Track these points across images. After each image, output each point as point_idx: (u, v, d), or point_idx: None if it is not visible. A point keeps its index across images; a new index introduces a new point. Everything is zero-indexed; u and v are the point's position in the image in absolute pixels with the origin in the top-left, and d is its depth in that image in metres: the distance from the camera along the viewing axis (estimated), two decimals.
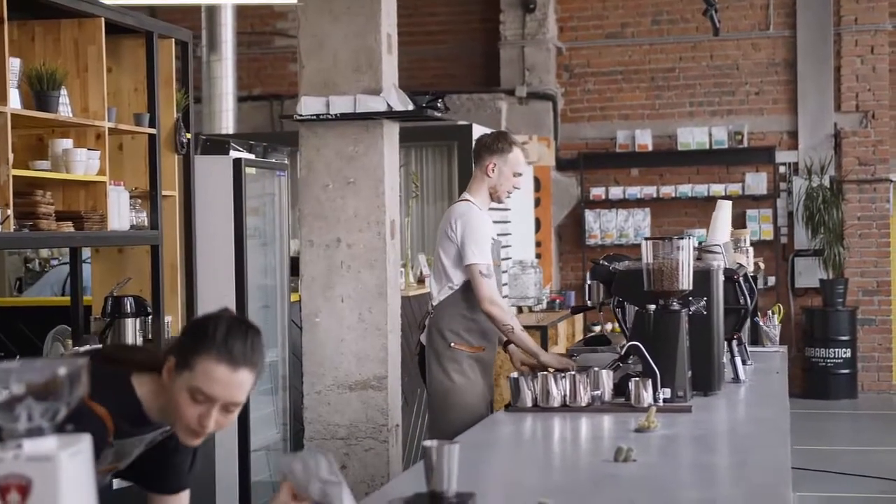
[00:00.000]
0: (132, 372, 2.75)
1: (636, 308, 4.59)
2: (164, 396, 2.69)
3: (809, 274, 12.77)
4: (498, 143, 5.37)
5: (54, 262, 8.49)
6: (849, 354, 12.47)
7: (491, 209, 9.28)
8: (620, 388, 4.42)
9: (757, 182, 12.84)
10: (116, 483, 4.60)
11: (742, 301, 5.12)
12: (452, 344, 5.24)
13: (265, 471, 6.80)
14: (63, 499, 1.72)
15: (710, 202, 12.73)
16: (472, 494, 2.80)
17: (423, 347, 5.43)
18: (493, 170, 5.33)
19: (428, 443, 2.75)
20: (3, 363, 1.79)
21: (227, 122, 10.91)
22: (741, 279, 5.14)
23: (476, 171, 5.42)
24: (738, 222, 12.36)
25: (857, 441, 10.63)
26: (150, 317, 5.67)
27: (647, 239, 4.52)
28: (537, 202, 12.47)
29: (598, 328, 12.35)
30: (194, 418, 2.64)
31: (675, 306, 4.46)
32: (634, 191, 13.05)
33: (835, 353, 12.45)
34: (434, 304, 5.34)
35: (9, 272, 9.21)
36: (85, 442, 1.78)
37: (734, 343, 5.13)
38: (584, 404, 4.31)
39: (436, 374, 5.27)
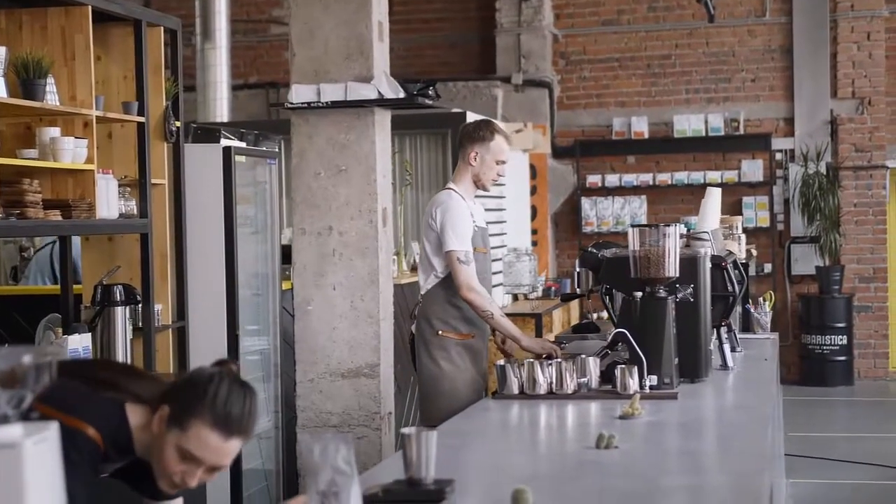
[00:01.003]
0: (127, 401, 2.74)
1: (623, 295, 4.60)
2: (151, 438, 2.68)
3: (806, 261, 12.77)
4: (479, 131, 5.36)
5: None
6: (845, 341, 12.47)
7: (487, 197, 9.34)
8: (608, 376, 4.42)
9: (753, 169, 12.83)
10: None
11: (730, 288, 5.11)
12: (440, 332, 5.26)
13: (257, 458, 6.81)
14: (28, 486, 1.72)
15: (705, 189, 12.68)
16: (451, 481, 2.81)
17: (413, 336, 5.45)
18: (475, 158, 5.33)
19: (406, 430, 2.76)
20: None
21: (220, 111, 10.89)
22: (730, 266, 5.14)
23: (459, 160, 5.42)
24: (734, 209, 12.36)
25: (852, 428, 10.63)
26: (139, 305, 5.67)
27: (633, 226, 4.52)
28: (533, 190, 12.46)
29: (594, 316, 12.37)
30: (178, 474, 2.65)
31: (662, 293, 4.47)
32: (631, 178, 13.05)
33: (831, 340, 12.45)
34: (421, 293, 5.37)
35: (4, 261, 9.21)
36: (51, 430, 1.79)
37: (722, 330, 5.13)
38: (570, 391, 4.32)
39: (424, 361, 5.29)
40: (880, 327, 12.86)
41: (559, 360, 4.49)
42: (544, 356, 4.91)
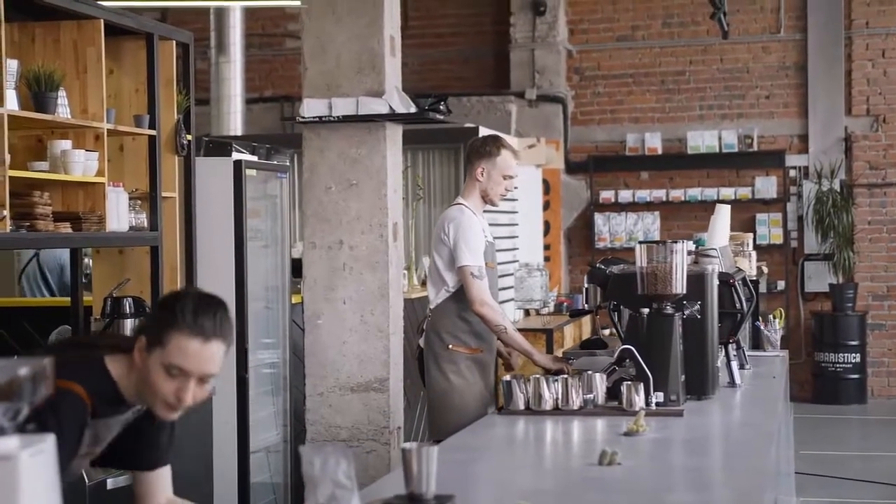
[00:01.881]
0: (105, 354, 2.84)
1: (630, 312, 4.59)
2: (137, 376, 2.77)
3: (819, 278, 12.73)
4: (486, 146, 5.40)
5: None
6: (858, 359, 12.42)
7: (499, 212, 9.33)
8: (614, 392, 4.41)
9: (767, 186, 12.81)
10: (111, 483, 4.64)
11: (738, 305, 5.10)
12: (450, 346, 5.29)
13: (265, 472, 6.82)
14: (23, 498, 1.73)
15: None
16: (452, 496, 2.81)
17: (422, 351, 5.47)
18: (482, 174, 5.37)
19: (406, 445, 2.76)
20: None
21: (234, 124, 10.94)
22: (738, 283, 5.13)
23: (467, 175, 5.47)
24: (748, 226, 12.34)
25: (865, 447, 10.60)
26: None
27: (640, 242, 4.52)
28: (546, 205, 12.46)
29: (607, 331, 12.33)
30: (171, 393, 2.73)
31: (669, 310, 4.46)
32: (644, 194, 13.04)
33: (844, 357, 12.41)
34: (431, 307, 5.40)
35: (17, 272, 9.24)
36: (47, 442, 1.79)
37: (730, 347, 5.12)
38: (576, 408, 4.31)
39: (434, 375, 5.31)
40: (894, 345, 12.80)
41: (565, 375, 4.49)
42: (553, 371, 4.93)
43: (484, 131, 9.98)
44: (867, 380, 12.55)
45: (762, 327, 6.52)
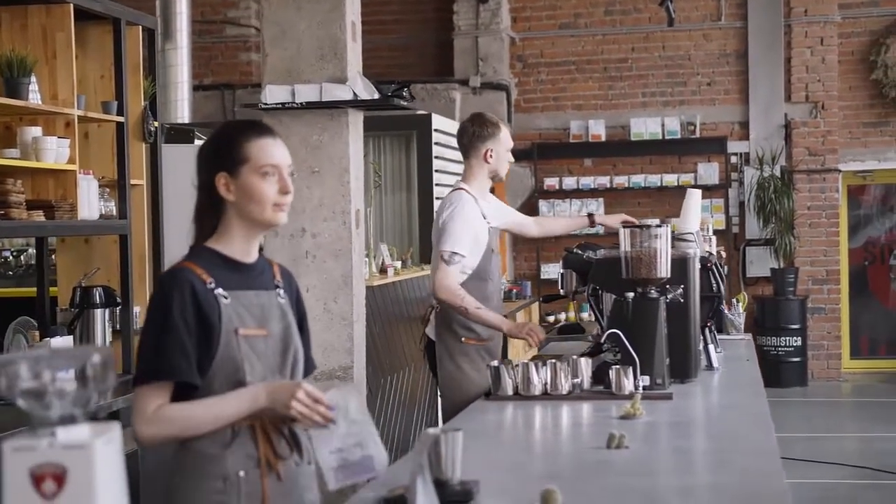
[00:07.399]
0: (200, 244, 3.00)
1: (614, 296, 4.60)
2: (236, 211, 2.93)
3: (761, 263, 12.91)
4: (487, 128, 5.40)
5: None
6: (799, 343, 12.62)
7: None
8: (598, 376, 4.43)
9: (709, 172, 12.95)
10: None
11: (716, 288, 5.15)
12: (463, 339, 5.27)
13: None
14: (98, 486, 1.70)
15: (662, 192, 12.83)
16: (476, 482, 2.80)
17: (429, 341, 5.41)
18: (490, 155, 5.40)
19: (432, 430, 2.74)
20: (35, 350, 1.76)
21: (182, 112, 10.78)
22: (714, 266, 5.18)
23: (471, 161, 5.44)
24: None
25: (807, 428, 10.76)
26: (119, 307, 5.60)
27: (625, 226, 4.53)
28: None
29: (551, 318, 12.39)
30: (274, 193, 2.93)
31: (654, 294, 4.48)
32: (588, 181, 13.11)
33: (785, 341, 12.60)
34: (440, 297, 5.26)
35: None
36: (115, 431, 1.76)
37: (707, 331, 5.16)
38: (564, 392, 4.31)
39: (447, 367, 5.30)
40: (833, 329, 13.02)
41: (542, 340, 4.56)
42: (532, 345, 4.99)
43: (436, 118, 9.99)
44: (808, 363, 12.76)
45: (726, 311, 6.58)
